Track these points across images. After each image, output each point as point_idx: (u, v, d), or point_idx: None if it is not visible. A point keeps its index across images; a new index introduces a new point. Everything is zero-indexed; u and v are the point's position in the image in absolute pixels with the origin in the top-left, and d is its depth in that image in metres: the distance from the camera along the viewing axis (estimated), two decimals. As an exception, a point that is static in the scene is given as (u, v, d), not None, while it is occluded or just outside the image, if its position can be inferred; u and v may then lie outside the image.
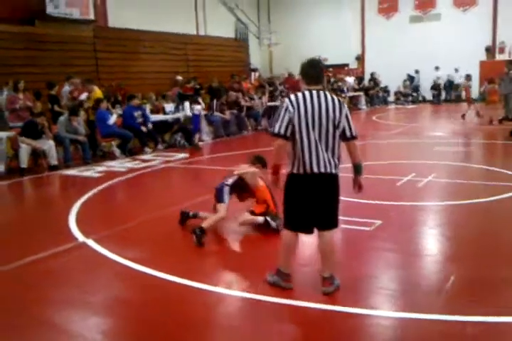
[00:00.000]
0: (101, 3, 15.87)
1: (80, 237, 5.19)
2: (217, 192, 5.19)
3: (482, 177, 7.56)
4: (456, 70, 22.68)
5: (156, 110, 12.76)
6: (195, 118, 12.17)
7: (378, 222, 5.25)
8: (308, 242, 4.20)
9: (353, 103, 21.60)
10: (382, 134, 13.04)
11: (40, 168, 9.48)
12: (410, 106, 22.04)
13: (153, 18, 17.00)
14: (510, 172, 7.49)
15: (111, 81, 13.84)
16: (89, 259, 4.66)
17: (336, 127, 3.49)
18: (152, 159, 10.36)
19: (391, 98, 24.14)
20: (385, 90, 24.07)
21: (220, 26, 21.37)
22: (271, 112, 15.59)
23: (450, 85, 23.05)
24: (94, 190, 7.52)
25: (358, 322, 3.30)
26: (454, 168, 8.29)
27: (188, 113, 12.92)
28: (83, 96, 10.93)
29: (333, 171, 3.52)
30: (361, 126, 16.43)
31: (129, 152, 11.08)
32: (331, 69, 24.81)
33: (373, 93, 22.97)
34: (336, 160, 3.54)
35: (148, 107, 12.24)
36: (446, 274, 3.93)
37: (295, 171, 3.53)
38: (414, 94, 23.77)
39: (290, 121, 3.45)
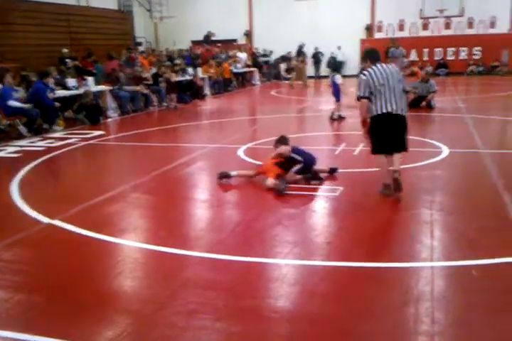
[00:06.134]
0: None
1: (44, 219, 4.85)
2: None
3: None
4: (339, 48, 23.96)
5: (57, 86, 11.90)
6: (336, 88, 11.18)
7: (341, 188, 5.59)
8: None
9: (247, 79, 21.88)
10: (293, 108, 13.54)
11: None
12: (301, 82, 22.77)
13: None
14: (429, 141, 8.21)
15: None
16: (65, 238, 4.42)
17: (399, 83, 5.17)
18: (66, 137, 9.75)
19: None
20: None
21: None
22: (178, 88, 15.29)
23: (334, 62, 24.25)
24: (22, 172, 6.93)
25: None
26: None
27: (93, 89, 12.30)
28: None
29: (400, 113, 5.14)
30: (269, 100, 16.93)
31: (35, 130, 10.31)
32: (219, 44, 24.81)
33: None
34: (403, 105, 5.18)
35: (51, 83, 11.34)
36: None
37: (375, 113, 5.14)
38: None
39: (367, 85, 5.12)
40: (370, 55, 5.51)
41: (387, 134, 5.19)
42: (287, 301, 3.26)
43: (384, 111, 5.11)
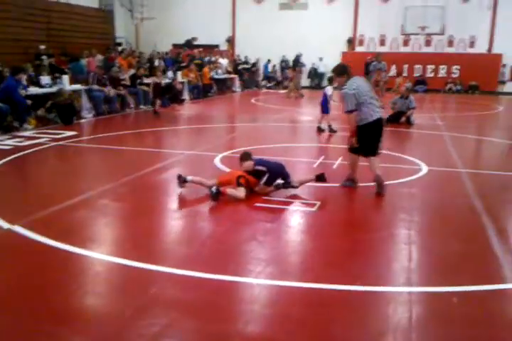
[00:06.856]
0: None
1: (4, 225, 4.55)
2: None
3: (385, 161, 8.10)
4: (321, 59, 24.00)
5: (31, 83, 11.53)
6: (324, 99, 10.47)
7: (318, 203, 5.43)
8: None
9: (227, 86, 21.69)
10: (273, 117, 13.40)
11: None
12: (282, 91, 22.60)
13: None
14: (408, 158, 8.13)
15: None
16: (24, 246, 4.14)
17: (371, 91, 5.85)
18: (36, 136, 9.39)
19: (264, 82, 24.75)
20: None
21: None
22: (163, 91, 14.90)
23: (315, 73, 24.29)
24: (-15, 172, 6.61)
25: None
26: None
27: (67, 87, 11.94)
28: None
29: (380, 115, 5.81)
30: (248, 108, 16.74)
31: (4, 128, 9.92)
32: (201, 49, 24.58)
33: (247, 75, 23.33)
34: (380, 109, 5.86)
35: (23, 79, 10.96)
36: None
37: (369, 120, 5.65)
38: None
39: (354, 98, 5.58)
40: (348, 69, 6.01)
41: (377, 137, 5.78)
42: (257, 326, 3.05)
43: (375, 117, 5.68)
